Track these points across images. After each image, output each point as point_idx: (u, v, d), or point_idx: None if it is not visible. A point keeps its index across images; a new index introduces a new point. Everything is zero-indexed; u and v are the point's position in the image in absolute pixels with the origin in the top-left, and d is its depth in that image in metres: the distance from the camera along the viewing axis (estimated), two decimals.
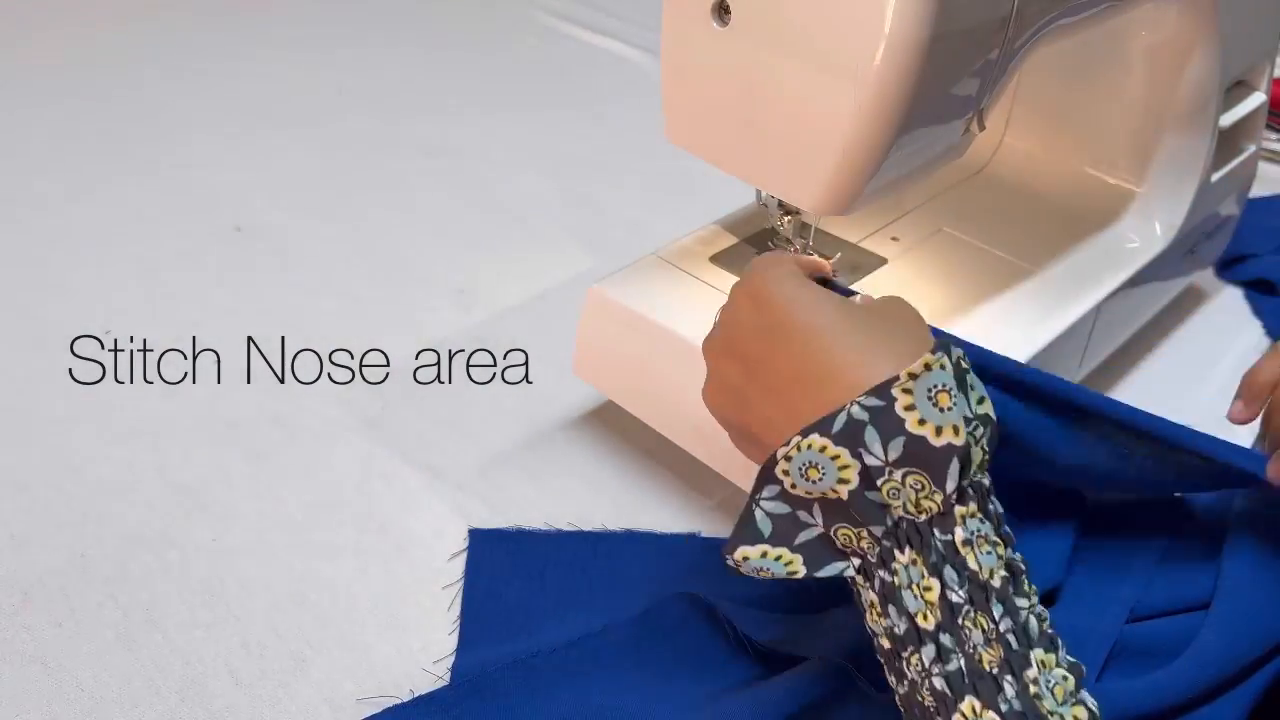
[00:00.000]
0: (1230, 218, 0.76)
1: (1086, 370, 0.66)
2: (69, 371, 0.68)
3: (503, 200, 0.90)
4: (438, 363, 0.70)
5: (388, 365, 0.70)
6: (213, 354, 0.70)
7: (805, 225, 0.59)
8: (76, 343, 0.71)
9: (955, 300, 0.61)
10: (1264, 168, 0.90)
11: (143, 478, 0.61)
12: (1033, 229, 0.67)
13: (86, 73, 1.09)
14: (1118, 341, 0.69)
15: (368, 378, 0.69)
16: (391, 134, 0.99)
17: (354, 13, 1.26)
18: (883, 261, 0.63)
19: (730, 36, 0.48)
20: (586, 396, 0.67)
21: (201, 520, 0.58)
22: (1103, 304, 0.62)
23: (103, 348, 0.71)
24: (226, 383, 0.68)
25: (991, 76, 0.49)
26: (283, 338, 0.72)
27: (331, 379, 0.69)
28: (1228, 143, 0.70)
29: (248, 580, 0.55)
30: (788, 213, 0.59)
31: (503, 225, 0.86)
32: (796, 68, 0.46)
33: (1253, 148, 0.73)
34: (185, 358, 0.70)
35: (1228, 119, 0.68)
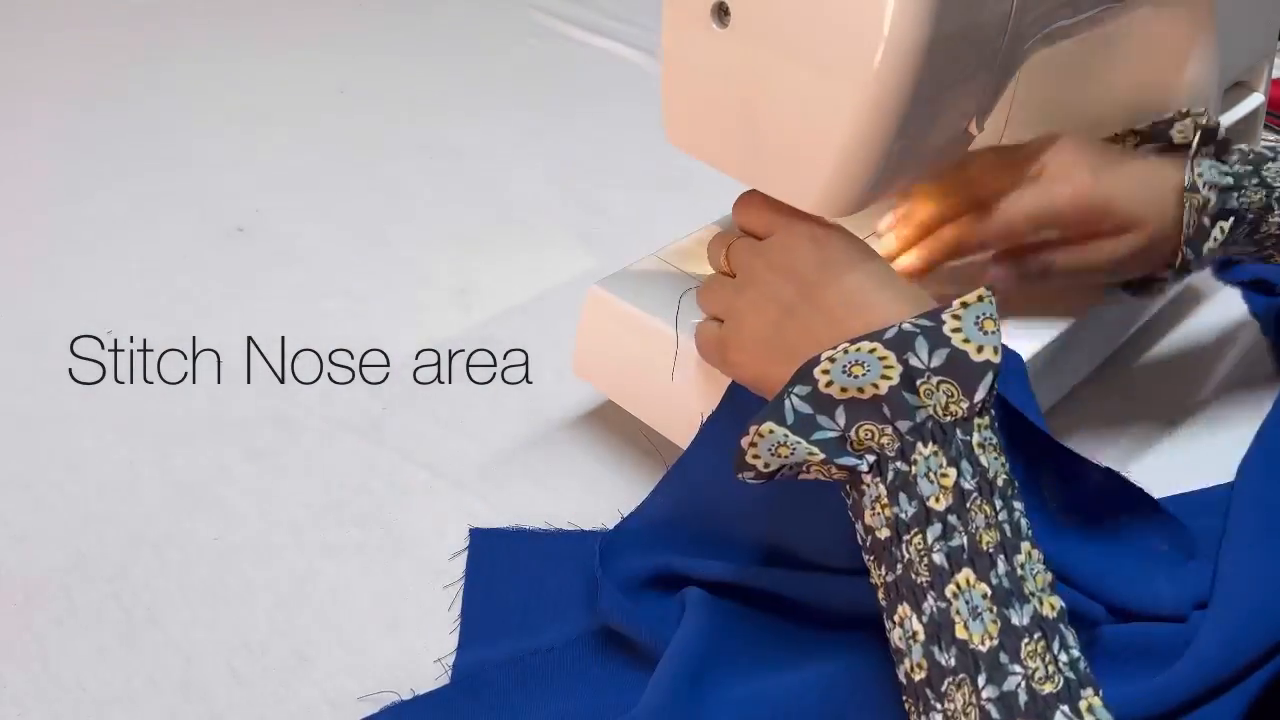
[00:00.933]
0: None
1: (1084, 372, 0.66)
2: (69, 371, 0.69)
3: (503, 200, 0.90)
4: (438, 363, 0.70)
5: (388, 365, 0.70)
6: (213, 354, 0.71)
7: None
8: (76, 343, 0.71)
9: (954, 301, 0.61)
10: None
11: (143, 477, 0.61)
12: None
13: (87, 73, 1.09)
14: (1116, 342, 0.69)
15: (368, 378, 0.69)
16: (391, 134, 1.00)
17: (354, 13, 1.26)
18: None
19: (730, 38, 0.48)
20: (586, 396, 0.67)
21: (202, 520, 0.58)
22: (1101, 305, 0.62)
23: (103, 348, 0.71)
24: (227, 383, 0.68)
25: (990, 78, 0.49)
26: (283, 338, 0.72)
27: (331, 379, 0.69)
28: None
29: (249, 579, 0.55)
30: None
31: (503, 225, 0.86)
32: (796, 69, 0.46)
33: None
34: (185, 358, 0.70)
35: (1226, 120, 0.68)
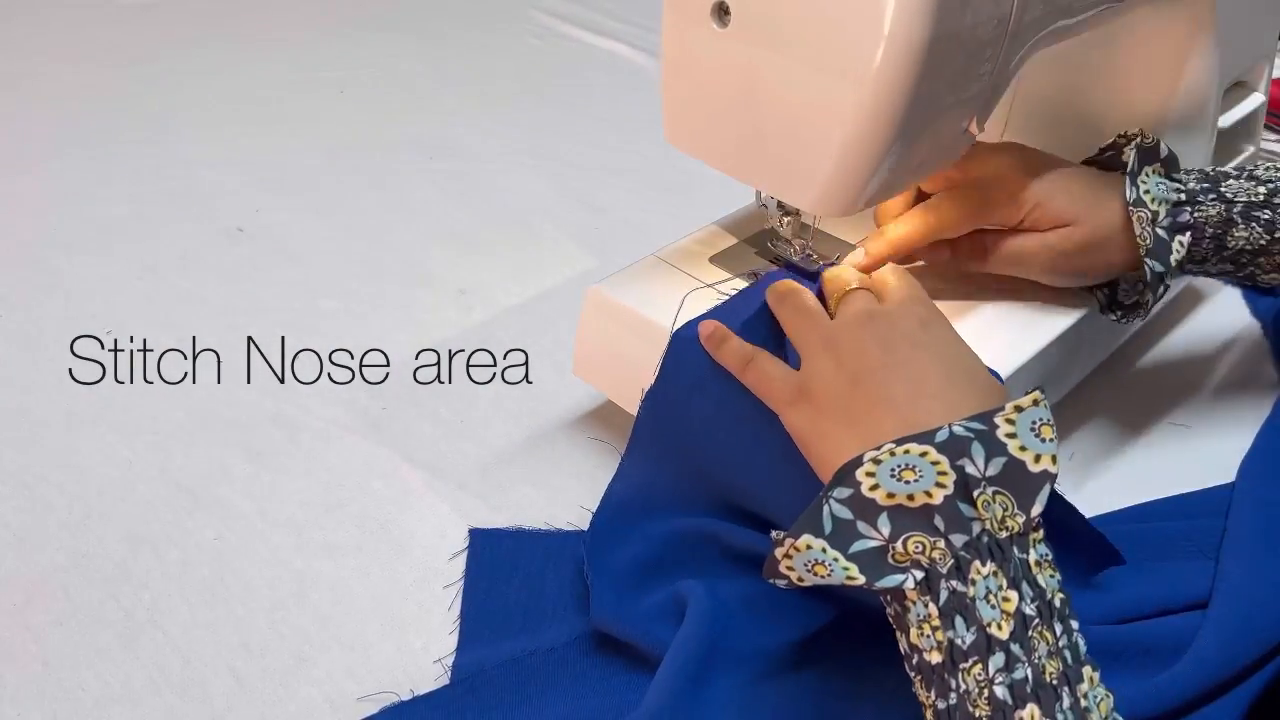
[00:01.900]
0: None
1: (1085, 372, 0.66)
2: (69, 371, 0.69)
3: (503, 200, 0.90)
4: (438, 363, 0.70)
5: (388, 365, 0.70)
6: (213, 354, 0.71)
7: (805, 226, 0.60)
8: (76, 343, 0.71)
9: (953, 301, 0.61)
10: None
11: (144, 477, 0.61)
12: None
13: (87, 73, 1.09)
14: (1116, 343, 0.69)
15: (368, 378, 0.69)
16: (391, 134, 1.00)
17: (354, 13, 1.26)
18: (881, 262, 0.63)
19: (730, 38, 0.48)
20: (586, 396, 0.67)
21: (202, 520, 0.58)
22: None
23: (103, 348, 0.71)
24: (227, 383, 0.68)
25: (990, 78, 0.49)
26: (283, 338, 0.72)
27: (331, 379, 0.69)
28: (1227, 143, 0.70)
29: (249, 579, 0.55)
30: (787, 214, 0.59)
31: (503, 225, 0.86)
32: (796, 69, 0.46)
33: (1252, 148, 0.74)
34: (185, 358, 0.70)
35: (1227, 119, 0.68)
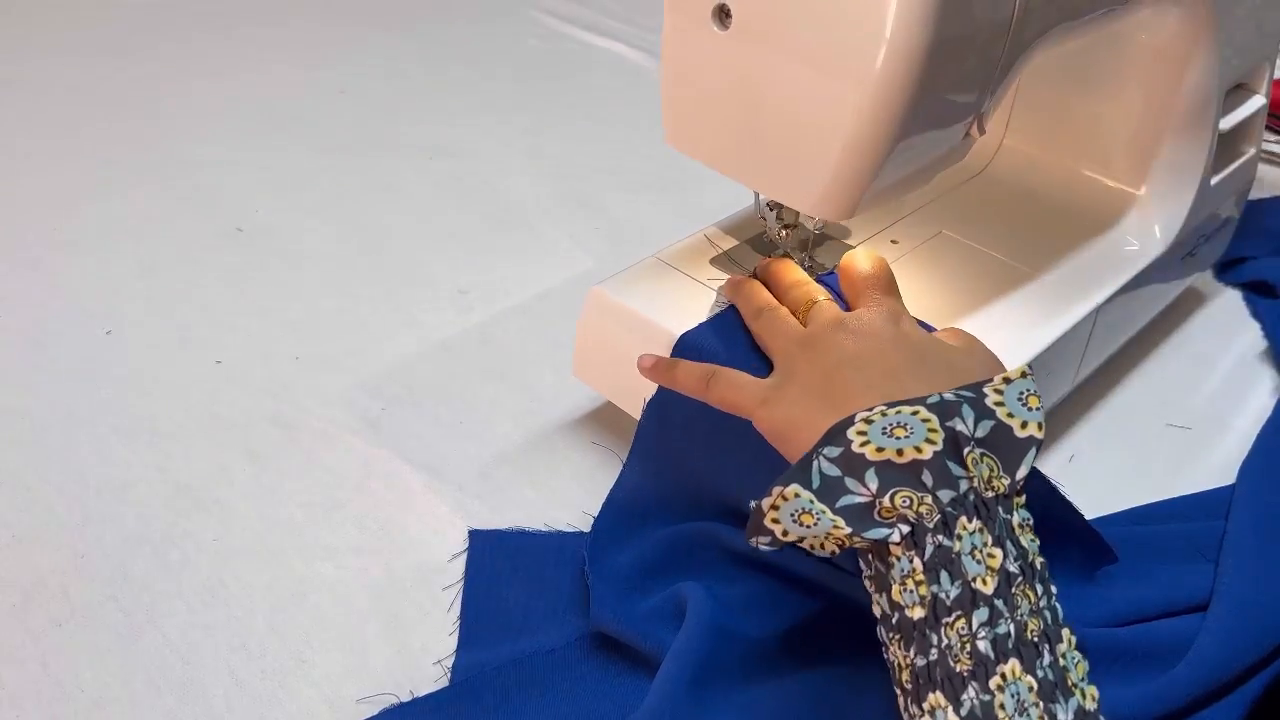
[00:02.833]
0: (1229, 220, 0.76)
1: (1085, 373, 0.66)
2: (69, 371, 0.69)
3: (503, 200, 0.90)
4: (438, 363, 0.70)
5: (388, 366, 0.70)
6: (213, 354, 0.71)
7: (802, 240, 0.60)
8: (77, 342, 0.71)
9: (955, 303, 0.61)
10: (1263, 170, 0.90)
11: (143, 478, 0.61)
12: (1032, 232, 0.67)
13: (87, 73, 1.09)
14: (1117, 344, 0.69)
15: (367, 378, 0.69)
16: (391, 134, 1.00)
17: (354, 13, 1.26)
18: None
19: (731, 40, 0.48)
20: (586, 396, 0.67)
21: (202, 520, 0.58)
22: (1102, 307, 0.62)
23: (103, 347, 0.71)
24: (227, 383, 0.68)
25: (992, 80, 0.49)
26: (283, 338, 0.72)
27: (332, 379, 0.69)
28: (1227, 145, 0.70)
29: (248, 580, 0.55)
30: (786, 226, 0.59)
31: (503, 225, 0.86)
32: (797, 72, 0.46)
33: (1252, 150, 0.74)
34: (185, 358, 0.70)
35: (1227, 122, 0.68)
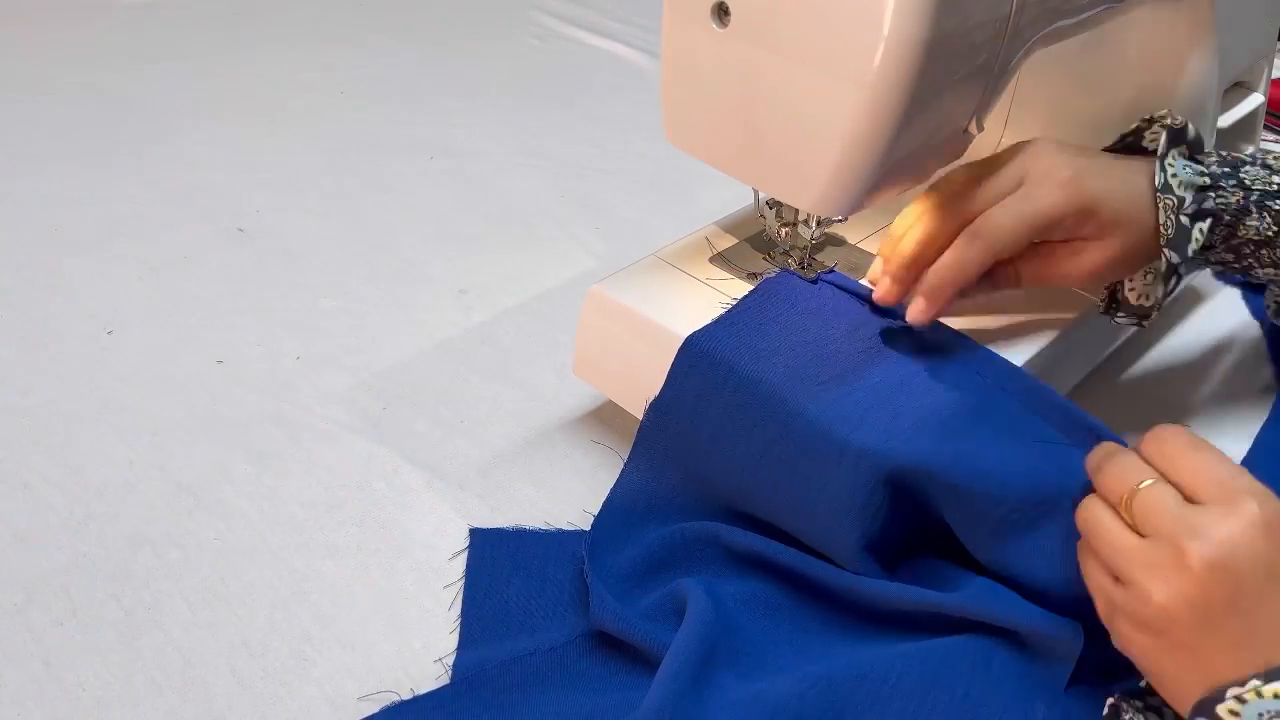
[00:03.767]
0: None
1: (1084, 372, 0.66)
2: (70, 371, 0.69)
3: (503, 200, 0.90)
4: (438, 363, 0.70)
5: (388, 365, 0.70)
6: (214, 354, 0.71)
7: (801, 236, 0.60)
8: (77, 342, 0.71)
9: (954, 303, 0.61)
10: None
11: (144, 477, 0.61)
12: None
13: (87, 73, 1.09)
14: (1115, 343, 0.69)
15: (368, 378, 0.69)
16: (391, 134, 1.00)
17: (354, 13, 1.26)
18: None
19: (730, 38, 0.48)
20: (586, 396, 0.67)
21: (203, 520, 0.58)
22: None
23: (104, 348, 0.71)
24: (227, 382, 0.68)
25: (990, 78, 0.49)
26: (284, 338, 0.72)
27: (332, 379, 0.69)
28: (1226, 144, 0.70)
29: (249, 579, 0.55)
30: (785, 224, 0.59)
31: (503, 225, 0.86)
32: (796, 69, 0.46)
33: (1251, 149, 0.74)
34: (186, 358, 0.70)
35: (1226, 120, 0.68)
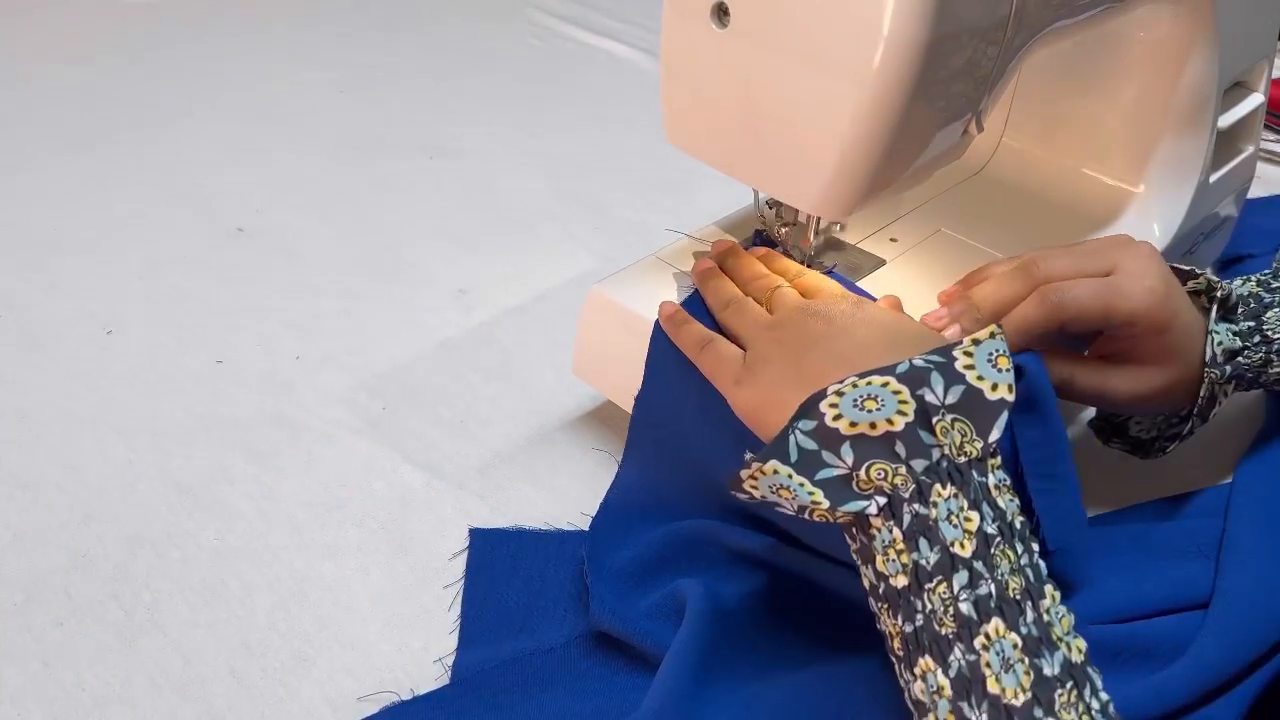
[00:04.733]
0: (1229, 218, 0.76)
1: None
2: (70, 371, 0.69)
3: (503, 200, 0.90)
4: (438, 363, 0.70)
5: (388, 365, 0.70)
6: (214, 354, 0.71)
7: (802, 233, 0.60)
8: (78, 343, 0.71)
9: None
10: (1262, 168, 0.90)
11: (144, 477, 0.61)
12: (1031, 230, 0.67)
13: (87, 73, 1.09)
14: None
15: (368, 378, 0.69)
16: (391, 134, 1.00)
17: (354, 13, 1.26)
18: (881, 262, 0.63)
19: (729, 38, 0.48)
20: (586, 396, 0.67)
21: (203, 520, 0.58)
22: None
23: (103, 347, 0.71)
24: (227, 383, 0.68)
25: (990, 78, 0.49)
26: (284, 338, 0.72)
27: (332, 379, 0.69)
28: (1226, 144, 0.70)
29: (249, 579, 0.55)
30: (785, 224, 0.59)
31: (503, 225, 0.86)
32: (795, 70, 0.46)
33: (1251, 149, 0.74)
34: (185, 358, 0.70)
35: (1226, 120, 0.68)
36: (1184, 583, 0.52)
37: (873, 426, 0.40)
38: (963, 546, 0.38)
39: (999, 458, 0.41)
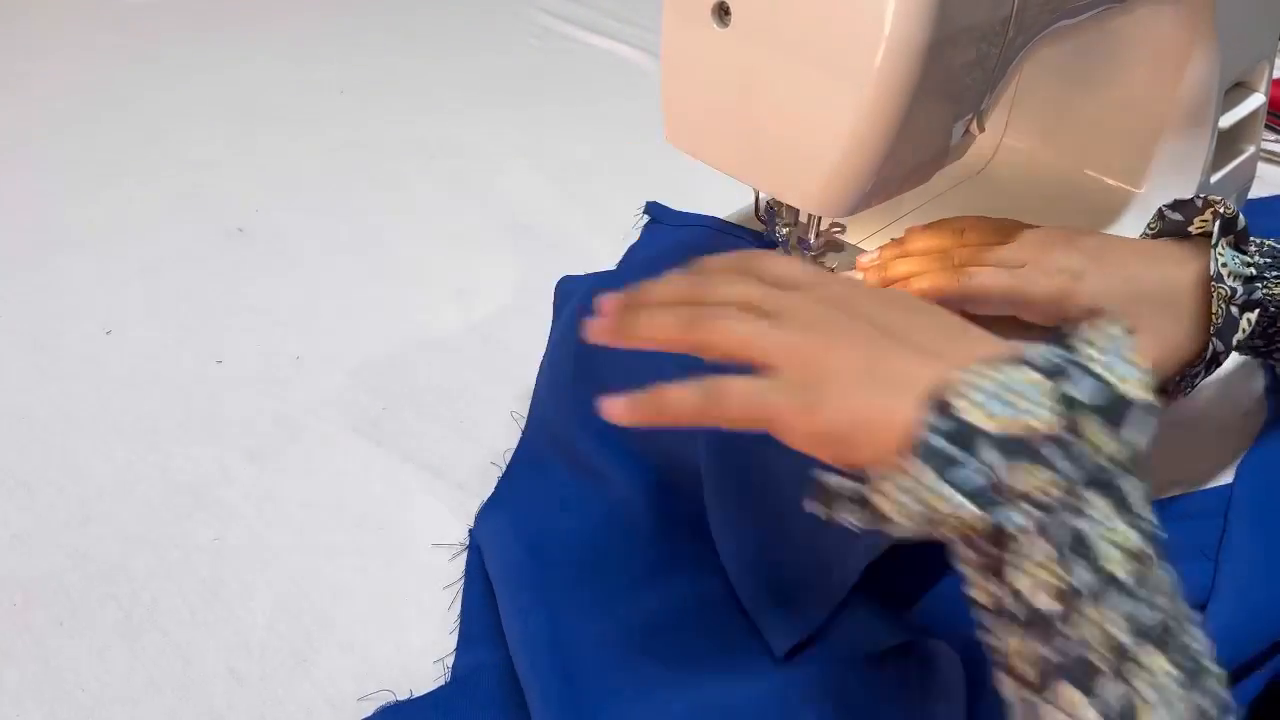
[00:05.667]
0: None
1: None
2: (70, 371, 0.69)
3: (503, 200, 0.90)
4: (438, 363, 0.70)
5: (388, 365, 0.70)
6: (214, 354, 0.71)
7: (801, 239, 0.60)
8: (77, 342, 0.71)
9: None
10: (1263, 169, 0.90)
11: (143, 477, 0.61)
12: None
13: (86, 73, 1.09)
14: None
15: (368, 378, 0.69)
16: (391, 134, 1.00)
17: (354, 13, 1.26)
18: None
19: (730, 38, 0.48)
20: None
21: (202, 520, 0.58)
22: None
23: (103, 347, 0.71)
24: (227, 383, 0.68)
25: (991, 78, 0.49)
26: (284, 338, 0.72)
27: (332, 379, 0.69)
28: (1227, 144, 0.70)
29: (248, 580, 0.55)
30: (786, 225, 0.59)
31: (503, 225, 0.86)
32: (796, 69, 0.46)
33: (1252, 149, 0.73)
34: (185, 358, 0.70)
35: (1227, 120, 0.68)
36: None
37: (1025, 426, 0.34)
38: (1119, 566, 0.33)
39: (1148, 466, 0.36)
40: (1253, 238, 0.55)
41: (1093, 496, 0.34)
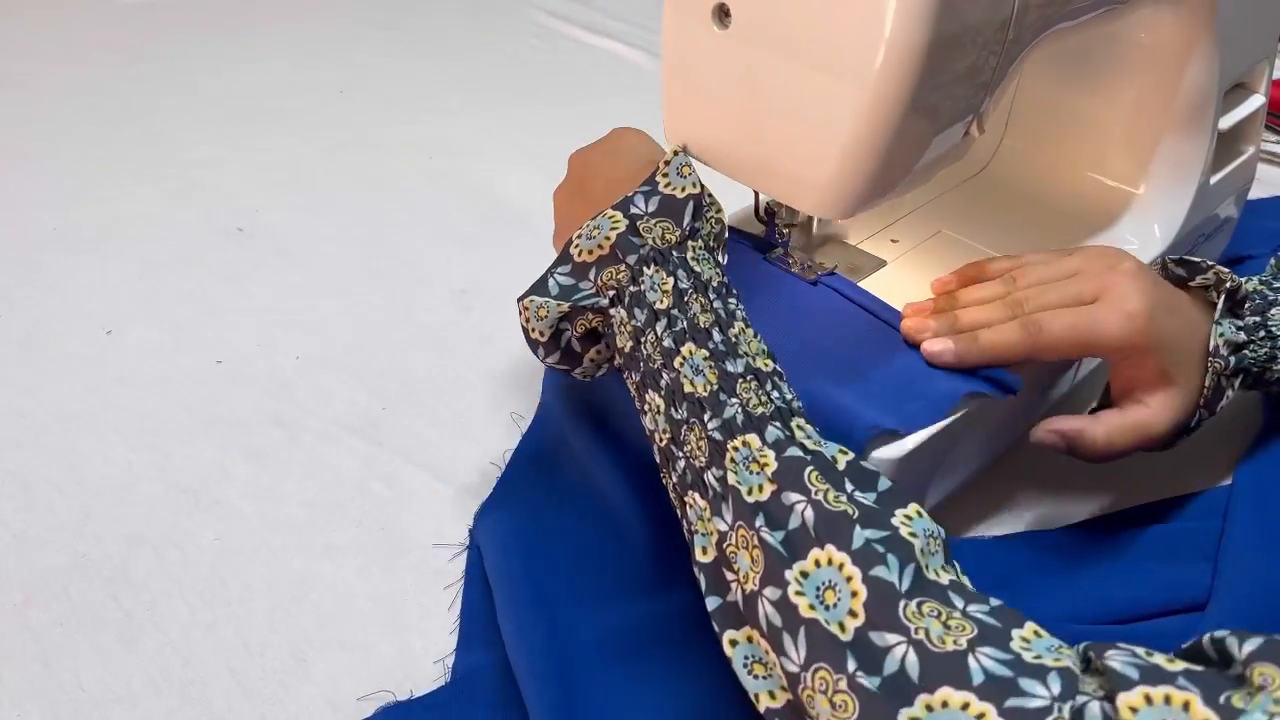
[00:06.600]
0: (1229, 219, 0.76)
1: (1084, 372, 0.66)
2: (69, 371, 0.69)
3: (503, 200, 0.90)
4: (438, 363, 0.70)
5: (388, 365, 0.70)
6: (214, 354, 0.71)
7: (803, 236, 0.60)
8: (77, 342, 0.71)
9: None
10: (1263, 169, 0.90)
11: (143, 477, 0.61)
12: (1032, 231, 0.67)
13: (87, 73, 1.09)
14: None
15: (368, 378, 0.69)
16: (392, 134, 1.00)
17: (354, 13, 1.26)
18: (882, 263, 0.63)
19: (730, 39, 0.48)
20: None
21: (202, 520, 0.58)
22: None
23: (103, 347, 0.71)
24: (227, 383, 0.68)
25: (991, 79, 0.49)
26: (284, 338, 0.72)
27: (332, 379, 0.69)
28: (1227, 145, 0.70)
29: (249, 580, 0.55)
30: (787, 225, 0.59)
31: (503, 225, 0.86)
32: (797, 70, 0.46)
33: (1252, 150, 0.73)
34: (186, 358, 0.70)
35: (1227, 121, 0.68)
36: (1182, 585, 0.52)
37: (601, 247, 0.49)
38: (661, 302, 0.47)
39: (700, 241, 0.50)
40: (1248, 289, 0.55)
41: (646, 268, 0.48)
